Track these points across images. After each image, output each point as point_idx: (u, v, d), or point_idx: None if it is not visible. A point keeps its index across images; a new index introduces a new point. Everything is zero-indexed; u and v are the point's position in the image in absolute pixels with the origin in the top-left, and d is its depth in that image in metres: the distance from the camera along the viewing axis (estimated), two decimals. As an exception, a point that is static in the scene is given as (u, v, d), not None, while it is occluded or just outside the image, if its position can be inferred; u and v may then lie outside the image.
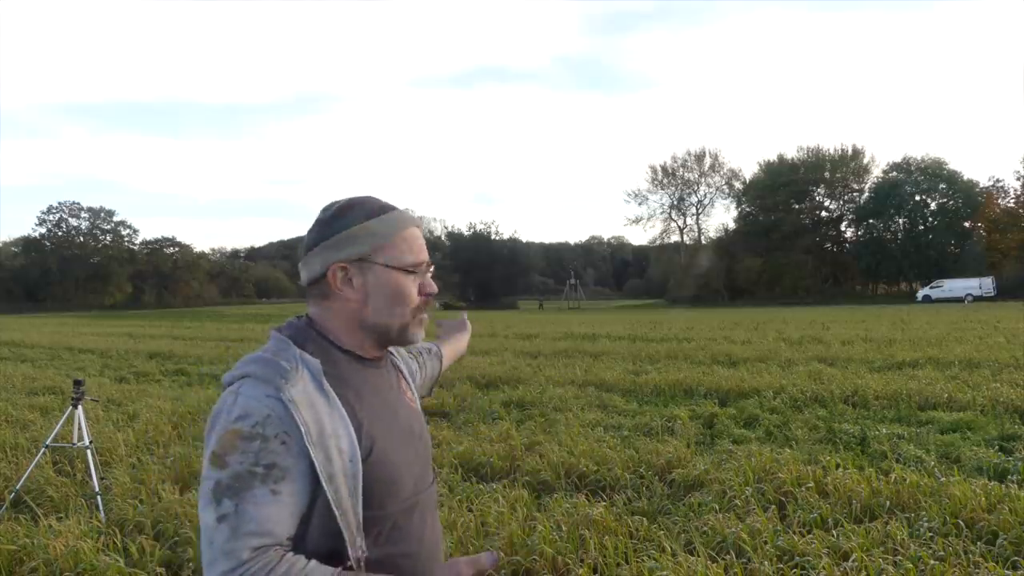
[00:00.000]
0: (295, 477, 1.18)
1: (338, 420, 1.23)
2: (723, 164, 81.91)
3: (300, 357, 1.26)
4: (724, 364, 12.91)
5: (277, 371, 1.22)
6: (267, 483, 1.16)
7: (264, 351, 1.28)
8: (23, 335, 27.75)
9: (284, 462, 1.18)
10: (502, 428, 7.33)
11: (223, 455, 1.17)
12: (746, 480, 5.13)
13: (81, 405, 5.44)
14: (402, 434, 1.37)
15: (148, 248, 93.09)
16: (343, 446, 1.22)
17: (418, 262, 1.37)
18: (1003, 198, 65.61)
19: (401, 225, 1.35)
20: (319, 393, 1.23)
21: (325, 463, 1.19)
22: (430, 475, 1.46)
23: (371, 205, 1.35)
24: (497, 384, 10.96)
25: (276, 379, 1.21)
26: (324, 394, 1.24)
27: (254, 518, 1.15)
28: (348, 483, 1.22)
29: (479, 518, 4.43)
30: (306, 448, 1.18)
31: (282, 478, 1.17)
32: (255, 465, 1.16)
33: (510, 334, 23.67)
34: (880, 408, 8.29)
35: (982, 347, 13.93)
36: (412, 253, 1.36)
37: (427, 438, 1.49)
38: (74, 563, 3.92)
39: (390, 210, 1.36)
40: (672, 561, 3.70)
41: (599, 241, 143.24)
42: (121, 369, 14.92)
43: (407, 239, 1.36)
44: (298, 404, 1.19)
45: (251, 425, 1.17)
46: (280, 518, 1.17)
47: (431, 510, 1.44)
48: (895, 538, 3.93)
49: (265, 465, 1.16)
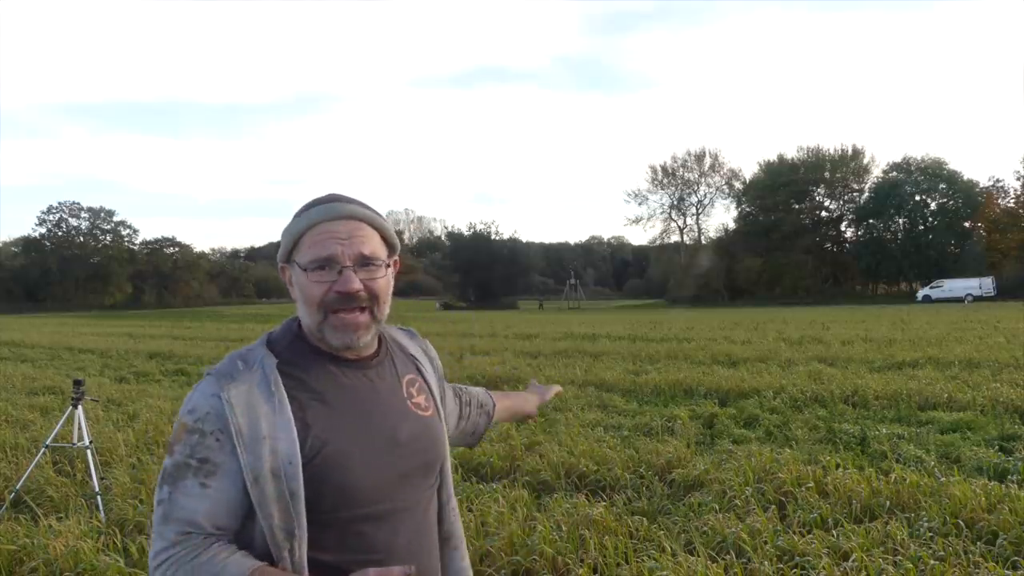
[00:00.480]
0: (227, 473, 1.21)
1: (281, 421, 1.22)
2: (723, 164, 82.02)
3: (262, 357, 1.28)
4: (724, 364, 12.91)
5: (229, 371, 1.26)
6: (198, 476, 1.21)
7: (240, 349, 1.32)
8: (23, 335, 27.76)
9: (217, 458, 1.21)
10: (502, 428, 7.33)
11: (172, 444, 1.25)
12: (746, 480, 5.13)
13: (81, 405, 5.44)
14: (373, 439, 1.30)
15: (148, 248, 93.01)
16: (280, 447, 1.21)
17: (316, 259, 1.27)
18: (1003, 198, 65.65)
19: (310, 222, 1.29)
20: (265, 394, 1.24)
21: (253, 463, 1.20)
22: (419, 486, 1.39)
23: (310, 202, 1.32)
24: (497, 384, 10.95)
25: (223, 379, 1.25)
26: (271, 395, 1.24)
27: (182, 507, 1.20)
28: (280, 485, 1.21)
29: (479, 518, 4.42)
30: (236, 448, 1.21)
31: (213, 473, 1.21)
32: (190, 457, 1.22)
33: (510, 334, 23.68)
34: (880, 408, 8.29)
35: (982, 347, 13.93)
36: (314, 250, 1.28)
37: (424, 447, 1.39)
38: (74, 563, 3.92)
39: (314, 206, 1.30)
40: (672, 561, 3.70)
41: (599, 241, 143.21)
42: (121, 369, 14.92)
43: (314, 235, 1.28)
44: (234, 405, 1.22)
45: (194, 420, 1.23)
46: (206, 511, 1.20)
47: (415, 522, 1.37)
48: (895, 538, 3.93)
49: (199, 459, 1.21)
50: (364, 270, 1.29)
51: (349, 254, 1.27)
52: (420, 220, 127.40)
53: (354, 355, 1.35)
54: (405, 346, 1.50)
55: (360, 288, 1.28)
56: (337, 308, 1.28)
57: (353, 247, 1.28)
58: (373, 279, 1.30)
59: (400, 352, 1.47)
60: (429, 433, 1.41)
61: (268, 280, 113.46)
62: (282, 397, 1.24)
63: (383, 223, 1.36)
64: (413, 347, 1.52)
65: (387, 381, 1.39)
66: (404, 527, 1.34)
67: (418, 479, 1.39)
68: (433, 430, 1.42)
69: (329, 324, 1.29)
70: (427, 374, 1.49)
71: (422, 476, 1.40)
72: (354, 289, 1.27)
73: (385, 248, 1.35)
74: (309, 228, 1.29)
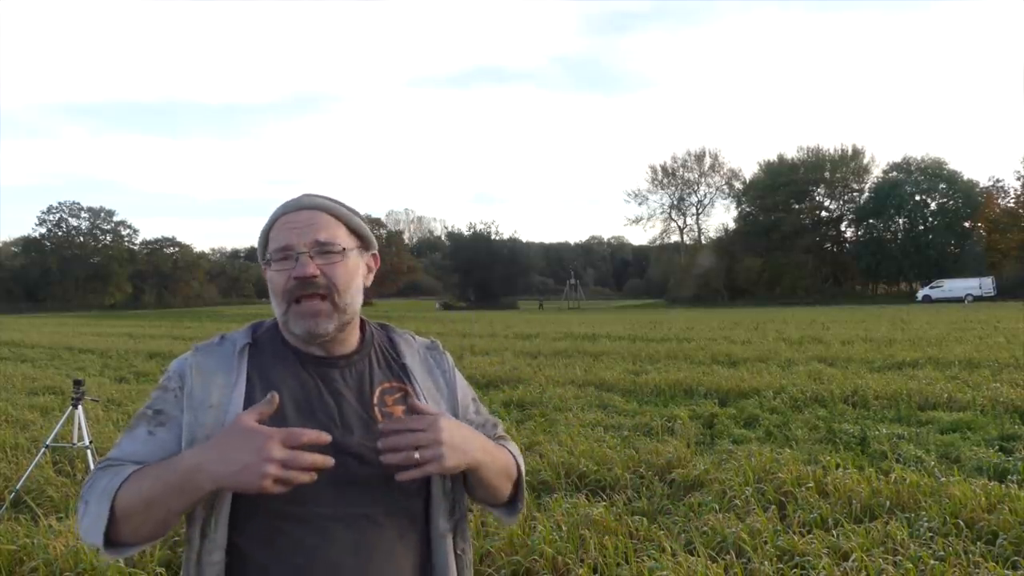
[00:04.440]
0: (174, 427, 1.28)
1: (233, 396, 1.28)
2: (723, 164, 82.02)
3: (238, 336, 1.37)
4: (724, 364, 12.91)
5: (206, 343, 1.36)
6: (149, 424, 1.29)
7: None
8: (23, 335, 27.75)
9: (171, 411, 1.29)
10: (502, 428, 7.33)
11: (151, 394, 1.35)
12: (746, 480, 5.12)
13: (81, 405, 5.44)
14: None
15: (148, 248, 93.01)
16: (226, 420, 1.24)
17: (276, 249, 1.29)
18: (1003, 198, 65.64)
19: (274, 218, 1.33)
20: (226, 367, 1.31)
21: (192, 424, 1.26)
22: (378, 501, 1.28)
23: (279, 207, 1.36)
24: (497, 384, 10.96)
25: (199, 348, 1.35)
26: (231, 369, 1.31)
27: (122, 448, 1.28)
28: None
29: (479, 518, 4.42)
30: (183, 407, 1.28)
31: (163, 424, 1.28)
32: (148, 408, 1.32)
33: (510, 334, 23.68)
34: (880, 408, 8.29)
35: (982, 347, 13.93)
36: (274, 242, 1.30)
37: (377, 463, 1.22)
38: (74, 563, 3.91)
39: (282, 205, 1.34)
40: (672, 561, 3.70)
41: (599, 241, 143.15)
42: (121, 369, 14.92)
43: (276, 229, 1.31)
44: (194, 369, 1.31)
45: (165, 379, 1.34)
46: (142, 454, 1.26)
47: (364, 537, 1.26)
48: (895, 538, 3.93)
49: (155, 410, 1.30)
50: (321, 256, 1.29)
51: (304, 241, 1.28)
52: (420, 220, 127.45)
53: (323, 352, 1.33)
54: (400, 354, 1.42)
55: (315, 273, 1.27)
56: (299, 296, 1.28)
57: (309, 234, 1.29)
58: (330, 264, 1.29)
59: (388, 359, 1.41)
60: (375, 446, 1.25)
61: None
62: (240, 374, 1.30)
63: (348, 214, 1.35)
64: (412, 356, 1.43)
65: (353, 384, 1.33)
66: (343, 538, 1.25)
67: (375, 493, 1.27)
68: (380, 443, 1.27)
69: (292, 313, 1.29)
70: (421, 388, 1.39)
71: (380, 491, 1.27)
72: (308, 273, 1.26)
73: (352, 238, 1.35)
74: (273, 224, 1.33)
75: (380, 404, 1.33)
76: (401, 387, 1.38)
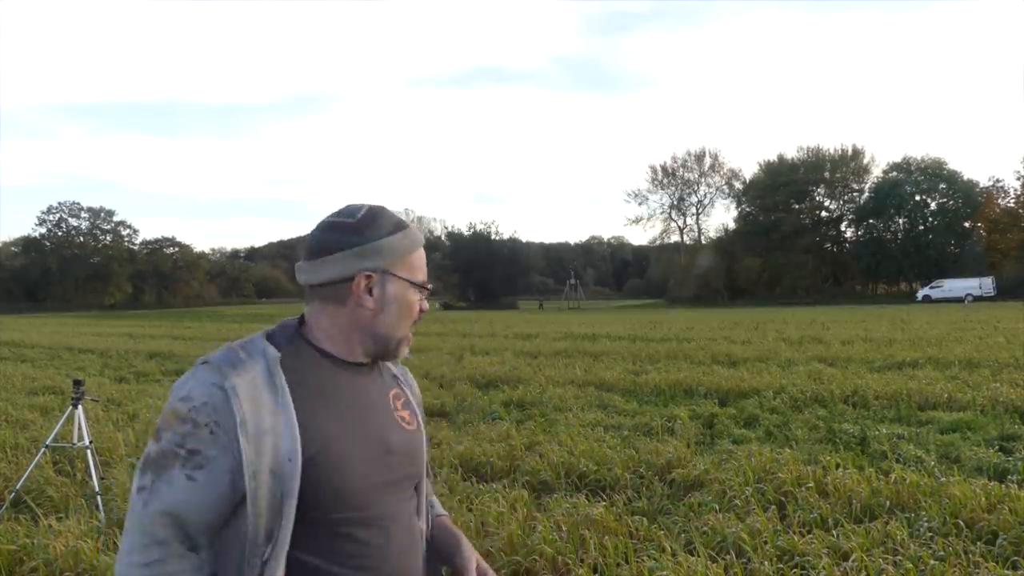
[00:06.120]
0: (216, 468, 1.18)
1: (282, 417, 1.21)
2: (723, 164, 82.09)
3: (263, 348, 1.27)
4: (724, 364, 12.91)
5: (231, 360, 1.23)
6: (185, 467, 1.18)
7: (238, 341, 1.30)
8: (23, 335, 27.75)
9: (208, 451, 1.18)
10: (502, 428, 7.33)
11: (159, 430, 1.21)
12: (746, 480, 5.12)
13: (81, 405, 5.44)
14: (369, 443, 1.31)
15: (148, 248, 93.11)
16: (281, 443, 1.19)
17: (425, 280, 1.41)
18: (1003, 198, 65.68)
19: (416, 243, 1.40)
20: (267, 386, 1.22)
21: (254, 457, 1.17)
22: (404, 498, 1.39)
23: (394, 218, 1.38)
24: (497, 384, 10.96)
25: (225, 368, 1.21)
26: (273, 388, 1.23)
27: (163, 497, 1.18)
28: (275, 483, 1.19)
29: (479, 518, 4.42)
30: (234, 441, 1.17)
31: (201, 466, 1.18)
32: (179, 447, 1.18)
33: (510, 334, 23.68)
34: (880, 408, 8.29)
35: (982, 347, 13.93)
36: (422, 272, 1.40)
37: (410, 459, 1.40)
38: (74, 563, 3.92)
39: (406, 226, 1.39)
40: (672, 561, 3.70)
41: (599, 241, 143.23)
42: (121, 369, 14.92)
43: (420, 257, 1.40)
44: (239, 393, 1.19)
45: (188, 408, 1.19)
46: (189, 503, 1.18)
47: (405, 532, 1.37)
48: (895, 538, 3.93)
49: (189, 449, 1.18)
50: None
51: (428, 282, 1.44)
52: (420, 220, 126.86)
53: (354, 360, 1.37)
54: (389, 364, 1.51)
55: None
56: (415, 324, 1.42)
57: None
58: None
59: (382, 367, 1.49)
60: (413, 446, 1.42)
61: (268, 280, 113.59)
62: (284, 391, 1.23)
63: None
64: (395, 367, 1.53)
65: (378, 389, 1.41)
66: (396, 535, 1.34)
67: (404, 490, 1.39)
68: (417, 445, 1.43)
69: (408, 338, 1.41)
70: (409, 394, 1.50)
71: (406, 488, 1.40)
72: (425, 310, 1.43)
73: None
74: (415, 249, 1.38)
75: (393, 408, 1.43)
76: (401, 393, 1.47)
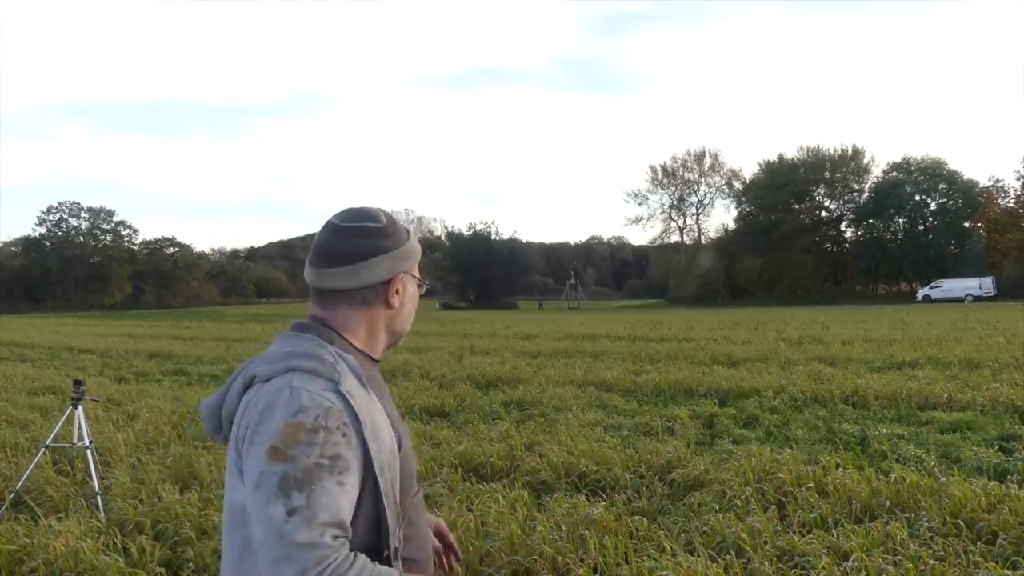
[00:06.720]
0: (354, 468, 1.22)
1: (379, 413, 1.31)
2: (723, 164, 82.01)
3: (338, 354, 1.31)
4: (724, 364, 12.91)
5: (322, 367, 1.26)
6: (334, 474, 1.18)
7: (298, 348, 1.30)
8: (23, 335, 27.75)
9: (346, 453, 1.21)
10: (502, 428, 7.33)
11: (285, 449, 1.17)
12: (746, 480, 5.12)
13: (81, 405, 5.44)
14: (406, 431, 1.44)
15: (148, 248, 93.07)
16: (386, 438, 1.30)
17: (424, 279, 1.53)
18: (1003, 198, 65.58)
19: (419, 249, 1.51)
20: (363, 387, 1.30)
21: (378, 453, 1.26)
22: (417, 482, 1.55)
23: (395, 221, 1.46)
24: (497, 384, 10.96)
25: (331, 372, 1.25)
26: (366, 388, 1.31)
27: (328, 508, 1.16)
28: (392, 472, 1.30)
29: (479, 518, 4.42)
30: (363, 440, 1.23)
31: (346, 469, 1.20)
32: (321, 457, 1.18)
33: (510, 334, 23.67)
34: (880, 408, 8.29)
35: (982, 347, 13.93)
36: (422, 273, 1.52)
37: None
38: (74, 563, 3.92)
39: (407, 231, 1.49)
40: (672, 561, 3.70)
41: (599, 241, 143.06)
42: (121, 369, 14.91)
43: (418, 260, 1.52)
44: (355, 396, 1.25)
45: (313, 418, 1.19)
46: (345, 507, 1.20)
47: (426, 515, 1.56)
48: (895, 538, 3.93)
49: (330, 457, 1.19)
50: None
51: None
52: (420, 220, 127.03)
53: (375, 356, 1.48)
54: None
55: None
56: None
57: None
58: None
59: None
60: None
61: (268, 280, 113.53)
62: (369, 390, 1.32)
63: None
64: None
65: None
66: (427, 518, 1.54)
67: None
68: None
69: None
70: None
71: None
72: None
73: None
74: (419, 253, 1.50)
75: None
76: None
